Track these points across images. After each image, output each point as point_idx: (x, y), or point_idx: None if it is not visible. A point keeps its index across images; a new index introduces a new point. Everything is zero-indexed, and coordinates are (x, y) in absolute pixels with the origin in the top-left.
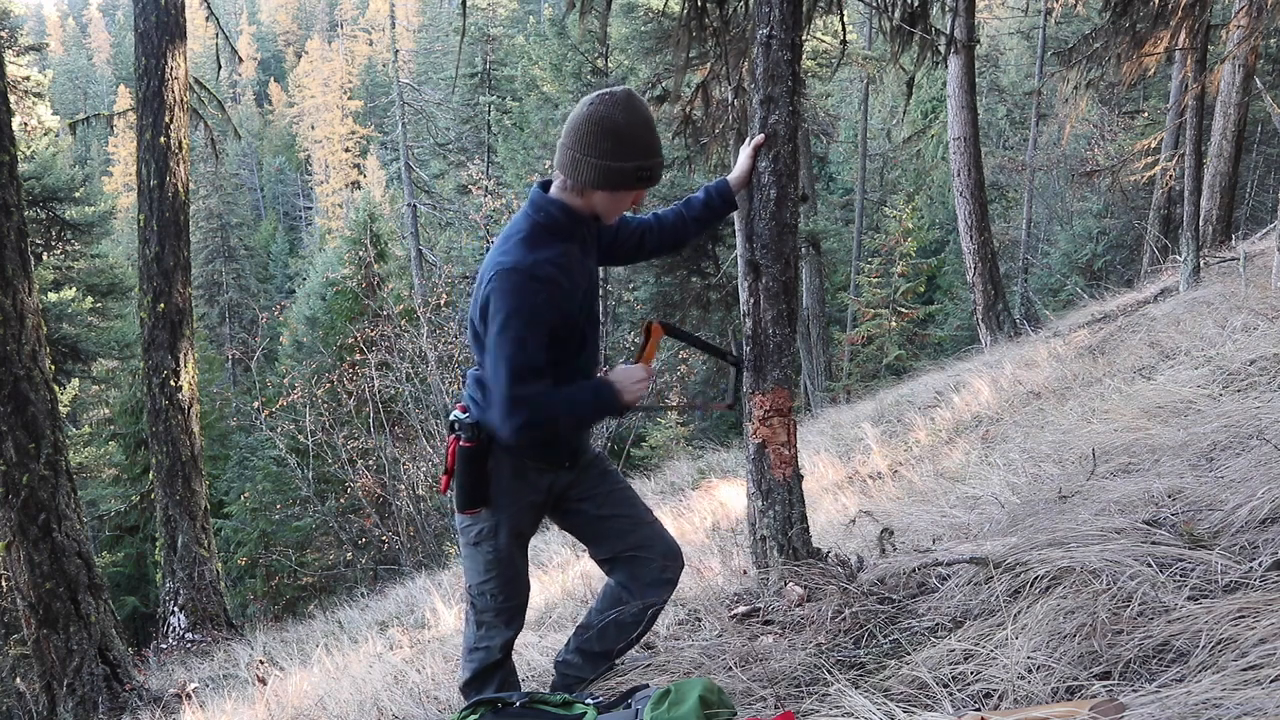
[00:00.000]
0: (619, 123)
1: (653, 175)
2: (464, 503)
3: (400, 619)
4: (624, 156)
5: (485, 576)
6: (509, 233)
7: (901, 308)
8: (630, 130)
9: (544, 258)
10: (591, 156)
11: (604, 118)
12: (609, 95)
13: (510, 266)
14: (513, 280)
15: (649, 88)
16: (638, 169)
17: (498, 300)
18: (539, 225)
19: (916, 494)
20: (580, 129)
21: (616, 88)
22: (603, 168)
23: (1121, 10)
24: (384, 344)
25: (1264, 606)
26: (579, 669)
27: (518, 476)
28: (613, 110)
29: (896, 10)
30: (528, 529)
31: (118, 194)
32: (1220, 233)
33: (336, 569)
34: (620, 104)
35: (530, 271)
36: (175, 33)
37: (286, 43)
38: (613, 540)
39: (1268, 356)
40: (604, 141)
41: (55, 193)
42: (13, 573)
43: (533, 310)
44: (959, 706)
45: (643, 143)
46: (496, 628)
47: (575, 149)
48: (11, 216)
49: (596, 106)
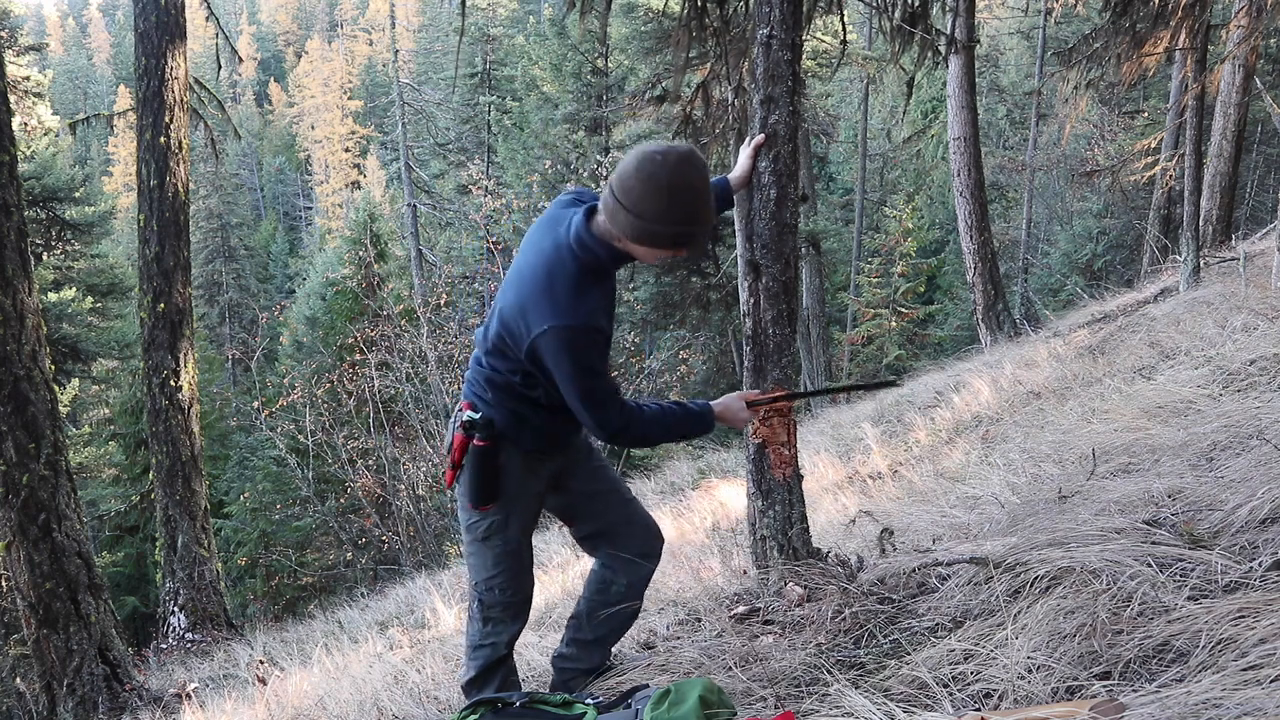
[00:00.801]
0: (666, 185)
1: (692, 242)
2: (478, 499)
3: (400, 619)
4: (665, 220)
5: (494, 571)
6: (554, 269)
7: (901, 308)
8: (677, 195)
9: (594, 307)
10: (633, 213)
11: (652, 177)
12: (664, 155)
13: (566, 325)
14: (573, 337)
15: (649, 88)
16: (676, 234)
17: (561, 357)
18: (586, 267)
19: (916, 494)
20: (628, 181)
21: (677, 146)
22: (641, 226)
23: (1121, 10)
24: (384, 344)
25: (1264, 606)
26: (575, 660)
27: (527, 469)
28: (662, 171)
29: (896, 10)
30: (534, 519)
31: (118, 194)
32: (1220, 233)
33: (336, 569)
34: (673, 166)
35: (586, 327)
36: (175, 33)
37: (286, 43)
38: (595, 516)
39: (1268, 356)
40: (648, 201)
41: (55, 193)
42: (13, 573)
43: (592, 357)
44: (959, 706)
45: (688, 210)
46: (504, 622)
47: (620, 198)
48: (11, 216)
49: (648, 165)
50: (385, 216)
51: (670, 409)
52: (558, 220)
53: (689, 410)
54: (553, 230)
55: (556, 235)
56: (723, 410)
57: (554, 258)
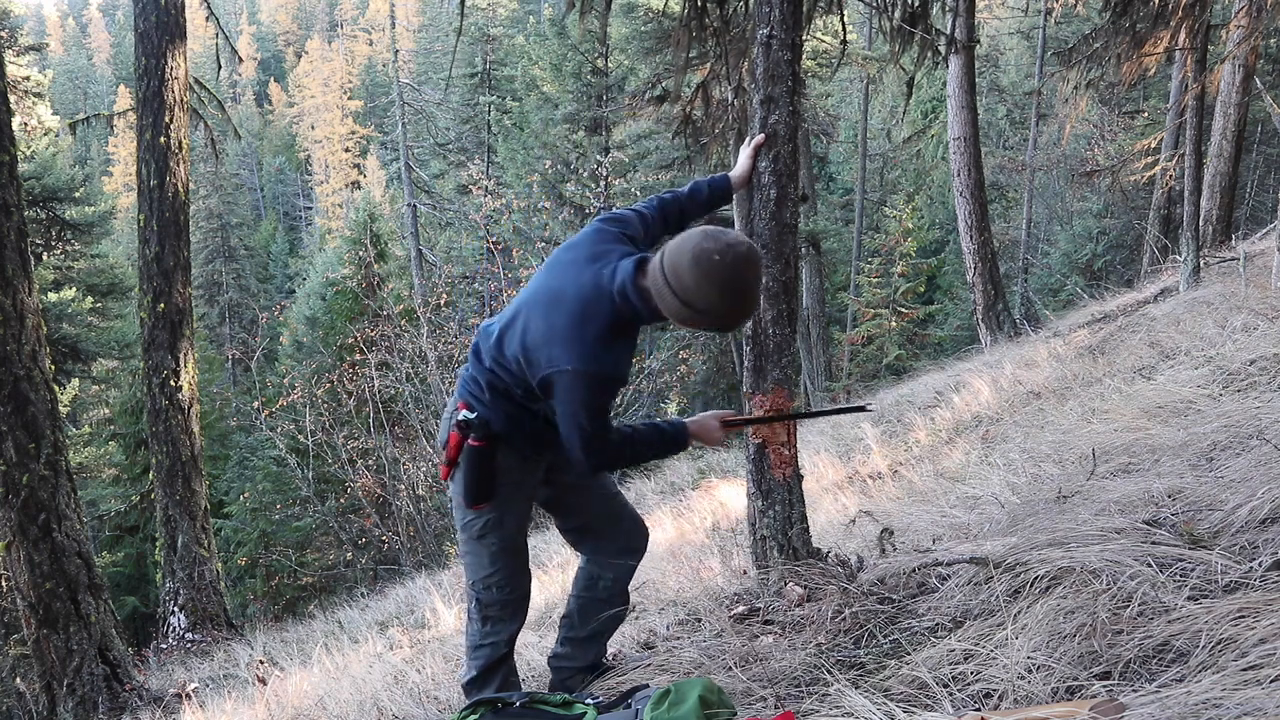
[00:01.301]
0: (720, 285)
1: (723, 329)
2: (473, 498)
3: (400, 619)
4: (711, 310)
5: (491, 569)
6: (589, 312)
7: (901, 308)
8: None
9: (620, 356)
10: (682, 301)
11: (708, 276)
12: (722, 256)
13: (590, 372)
14: (591, 383)
15: (649, 88)
16: (719, 324)
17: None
18: (622, 318)
19: (916, 494)
20: (683, 273)
21: (740, 244)
22: (685, 313)
23: (1121, 10)
24: (384, 344)
25: (1264, 606)
26: (571, 659)
27: (522, 466)
28: (720, 272)
29: (896, 10)
30: (528, 516)
31: (118, 194)
32: (1220, 233)
33: (336, 569)
34: (730, 268)
35: (609, 375)
36: (175, 33)
37: (286, 43)
38: (581, 510)
39: (1268, 356)
40: (701, 295)
41: (55, 193)
42: (13, 573)
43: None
44: (959, 706)
45: (738, 308)
46: (503, 621)
47: (672, 283)
48: (11, 216)
49: (706, 263)
50: (385, 216)
51: (645, 431)
52: (603, 256)
53: (663, 431)
54: (596, 268)
55: (600, 276)
56: (697, 429)
57: (593, 299)
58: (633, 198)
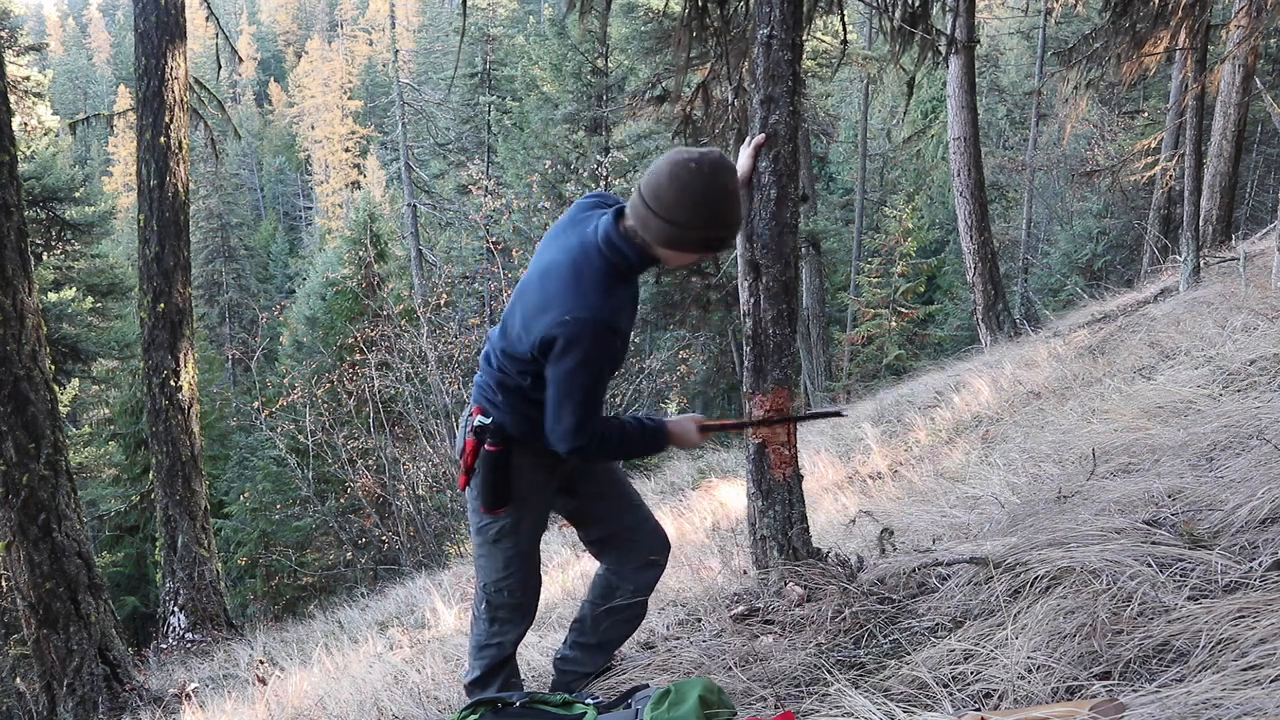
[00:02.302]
0: (699, 193)
1: (718, 246)
2: (491, 503)
3: (400, 619)
4: (696, 226)
5: (504, 573)
6: (581, 265)
7: (901, 308)
8: (709, 202)
9: (619, 305)
10: (664, 219)
11: (688, 186)
12: (695, 163)
13: (594, 320)
14: (592, 331)
15: (649, 88)
16: (706, 238)
17: (575, 349)
18: (614, 268)
19: (916, 494)
20: (660, 188)
21: (709, 153)
22: (673, 233)
23: (1121, 10)
24: (384, 344)
25: (1264, 606)
26: (577, 663)
27: (539, 472)
28: (696, 180)
29: (897, 10)
30: (544, 521)
31: (118, 194)
32: (1220, 233)
33: (336, 569)
34: (705, 174)
35: (609, 324)
36: (175, 33)
37: (286, 43)
38: (605, 521)
39: (1268, 356)
40: (680, 209)
41: (55, 193)
42: (13, 573)
43: (604, 359)
44: (959, 706)
45: (720, 216)
46: (512, 623)
47: (651, 205)
48: (11, 216)
49: (680, 171)
50: (385, 216)
51: (630, 425)
52: (583, 221)
53: (645, 428)
54: (578, 230)
55: (583, 234)
56: (675, 430)
57: (581, 255)
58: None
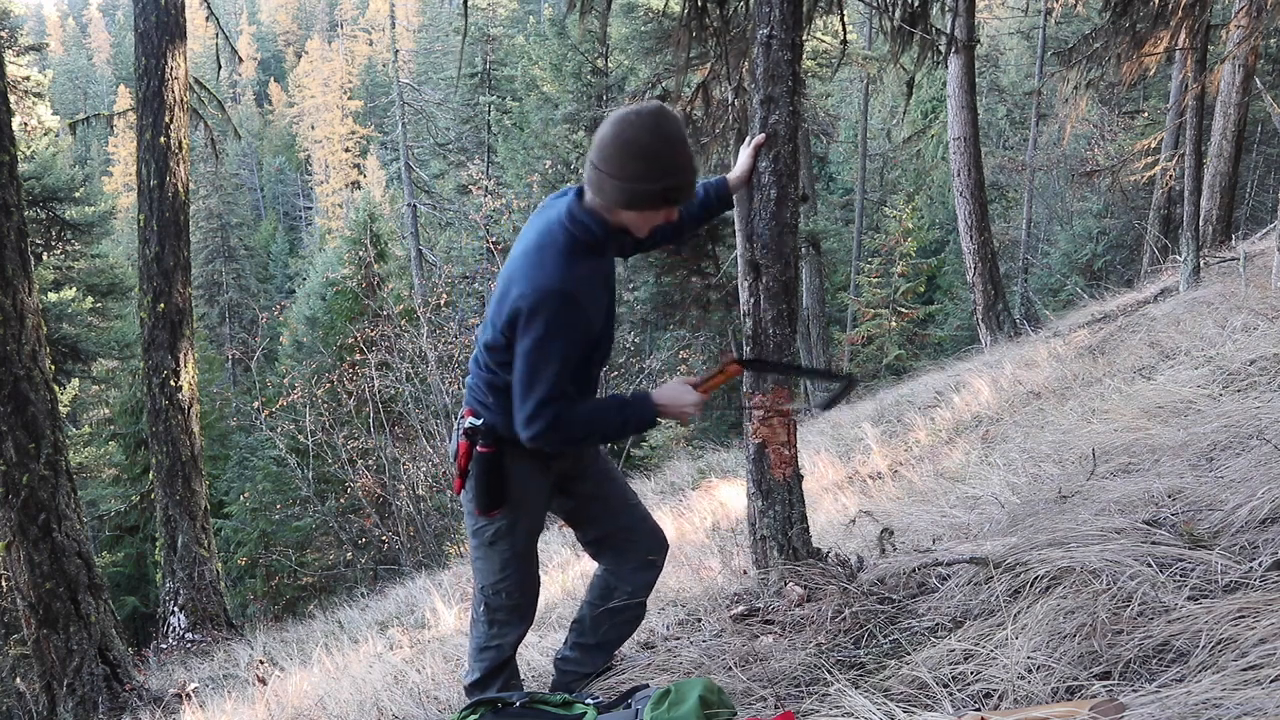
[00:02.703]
0: (644, 143)
1: (679, 195)
2: (485, 505)
3: (400, 619)
4: (650, 178)
5: (501, 575)
6: (543, 243)
7: (901, 308)
8: (656, 150)
9: (582, 276)
10: (617, 178)
11: (630, 140)
12: (635, 115)
13: (553, 289)
14: (555, 303)
15: (649, 88)
16: (665, 190)
17: (537, 320)
18: (577, 241)
19: (916, 494)
20: (606, 149)
21: (646, 105)
22: (628, 189)
23: (1121, 10)
24: (384, 344)
25: (1264, 606)
26: (577, 664)
27: (533, 472)
28: (639, 132)
29: (896, 10)
30: (540, 523)
31: (118, 194)
32: (1220, 233)
33: (336, 569)
34: (647, 124)
35: (573, 294)
36: (175, 33)
37: (286, 43)
38: (602, 521)
39: (1268, 356)
40: (630, 163)
41: (55, 193)
42: (13, 573)
43: (569, 332)
44: (959, 706)
45: (670, 162)
46: (511, 624)
47: (602, 168)
48: (11, 216)
49: (622, 127)
50: (385, 216)
51: (605, 402)
52: (550, 206)
53: (623, 402)
54: (545, 214)
55: (548, 216)
56: (662, 398)
57: (545, 234)
58: None
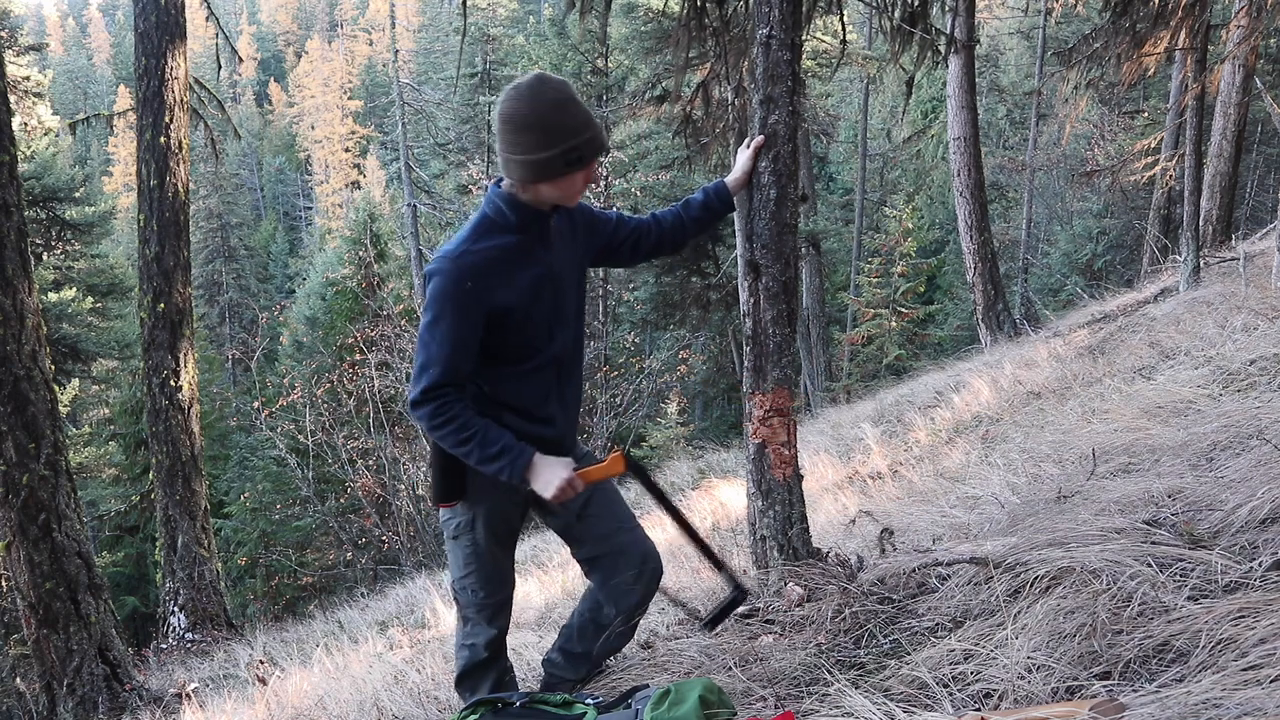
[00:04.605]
0: (526, 114)
1: (583, 155)
2: (437, 496)
3: (400, 619)
4: (544, 146)
5: (464, 571)
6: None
7: (901, 308)
8: (540, 118)
9: (480, 248)
10: (514, 154)
11: (512, 114)
12: (514, 89)
13: (440, 257)
14: (439, 271)
15: (649, 88)
16: (564, 154)
17: (430, 298)
18: (486, 219)
19: (916, 494)
20: (500, 130)
21: (524, 77)
22: (527, 162)
23: (1121, 10)
24: (384, 344)
25: (1264, 606)
26: (561, 669)
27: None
28: (518, 105)
29: (896, 10)
30: (511, 523)
31: (118, 194)
32: (1220, 233)
33: (336, 569)
34: (524, 96)
35: (458, 261)
36: (175, 33)
37: (286, 43)
38: (593, 542)
39: (1268, 356)
40: (519, 136)
41: (55, 193)
42: (13, 573)
43: (459, 310)
44: (959, 706)
45: (558, 126)
46: (479, 625)
47: (501, 149)
48: (11, 216)
49: (504, 104)
50: (385, 216)
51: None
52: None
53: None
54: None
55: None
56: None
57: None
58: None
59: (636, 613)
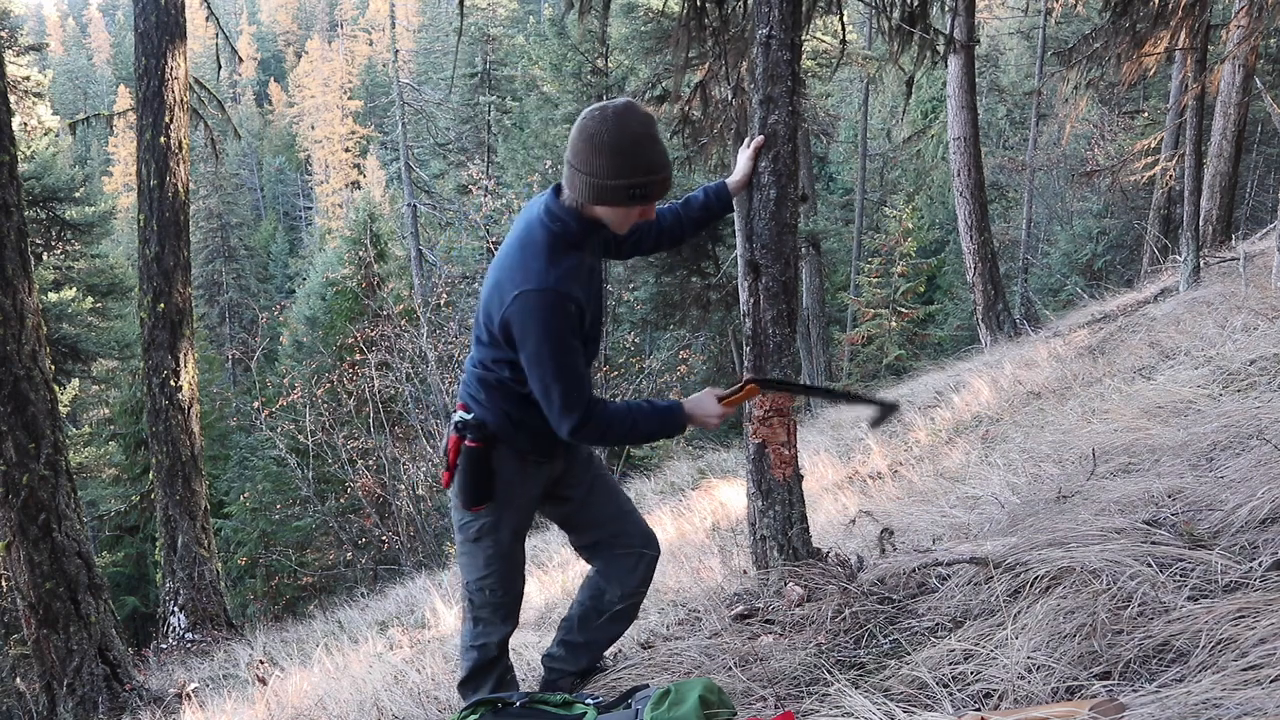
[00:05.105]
0: (606, 140)
1: (648, 193)
2: (470, 500)
3: (400, 619)
4: (615, 174)
5: (485, 572)
6: (525, 241)
7: (901, 308)
8: (618, 147)
9: (565, 272)
10: (584, 173)
11: (595, 134)
12: (602, 111)
13: (538, 289)
14: (542, 302)
15: (649, 88)
16: (630, 187)
17: (529, 323)
18: (556, 236)
19: (916, 494)
20: (576, 144)
21: (616, 101)
22: (595, 185)
23: (1121, 10)
24: (384, 344)
25: (1264, 606)
26: (563, 661)
27: (521, 472)
28: (603, 127)
29: (896, 10)
30: (529, 518)
31: (118, 194)
32: (1220, 233)
33: (336, 569)
34: (609, 120)
35: (557, 290)
36: (175, 33)
37: (286, 43)
38: (594, 527)
39: (1268, 356)
40: (596, 158)
41: (55, 193)
42: (13, 573)
43: (563, 327)
44: (959, 706)
45: (635, 159)
46: (494, 624)
47: (572, 163)
48: (11, 216)
49: (589, 122)
50: (385, 216)
51: (639, 406)
52: (531, 206)
53: (656, 407)
54: (527, 214)
55: (529, 215)
56: (693, 408)
57: (525, 233)
58: None
59: (637, 594)
